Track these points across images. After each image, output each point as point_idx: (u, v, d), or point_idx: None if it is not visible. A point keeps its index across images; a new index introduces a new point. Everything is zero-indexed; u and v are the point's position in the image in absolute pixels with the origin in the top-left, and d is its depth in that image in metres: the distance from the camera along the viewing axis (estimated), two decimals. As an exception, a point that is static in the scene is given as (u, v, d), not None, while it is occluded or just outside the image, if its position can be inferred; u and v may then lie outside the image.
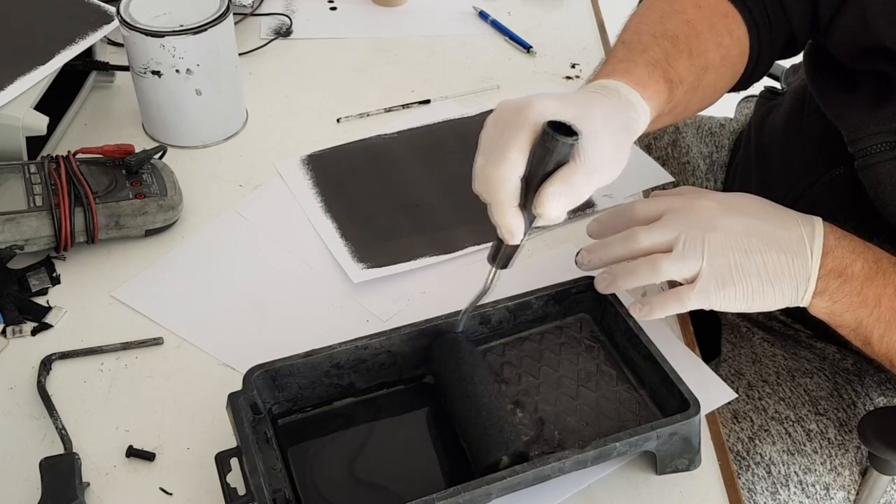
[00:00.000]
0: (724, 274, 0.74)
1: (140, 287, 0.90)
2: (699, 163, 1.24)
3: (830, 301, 0.76)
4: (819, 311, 0.77)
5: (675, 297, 0.75)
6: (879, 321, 0.76)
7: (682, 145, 1.26)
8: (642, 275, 0.76)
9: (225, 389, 0.73)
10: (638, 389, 0.79)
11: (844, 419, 0.97)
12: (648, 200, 0.80)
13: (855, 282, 0.76)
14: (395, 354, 0.79)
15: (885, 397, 0.99)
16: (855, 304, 0.76)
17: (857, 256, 0.76)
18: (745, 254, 0.74)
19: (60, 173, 0.91)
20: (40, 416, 0.78)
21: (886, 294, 0.76)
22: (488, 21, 1.31)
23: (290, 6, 1.33)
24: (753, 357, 1.03)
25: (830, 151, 0.90)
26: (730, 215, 0.76)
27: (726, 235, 0.75)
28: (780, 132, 1.04)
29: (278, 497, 0.68)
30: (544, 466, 0.68)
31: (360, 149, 1.08)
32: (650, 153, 1.28)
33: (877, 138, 0.82)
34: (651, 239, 0.76)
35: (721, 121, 1.30)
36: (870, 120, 0.83)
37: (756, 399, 0.97)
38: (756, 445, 0.94)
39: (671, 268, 0.74)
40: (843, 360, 1.02)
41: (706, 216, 0.76)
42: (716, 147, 1.25)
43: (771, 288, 0.75)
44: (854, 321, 0.77)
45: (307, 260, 0.94)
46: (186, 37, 0.98)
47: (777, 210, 0.79)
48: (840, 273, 0.76)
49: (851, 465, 0.95)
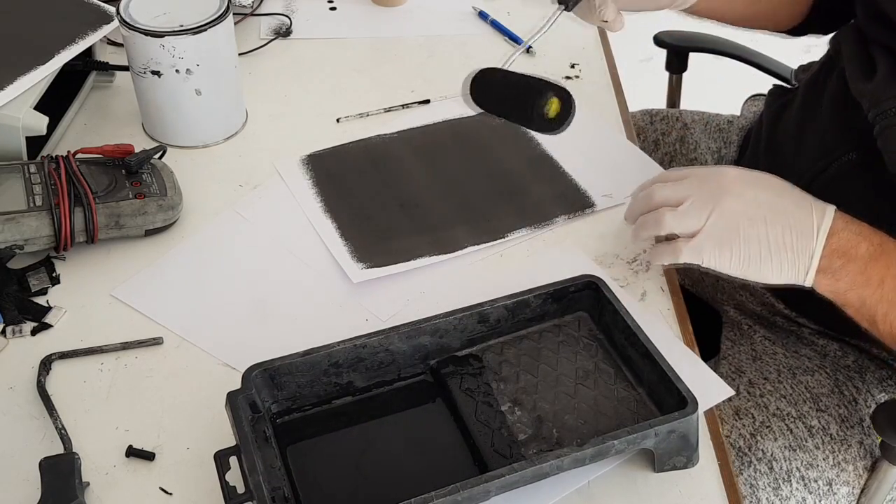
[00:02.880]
0: (723, 236, 0.79)
1: (140, 287, 0.90)
2: (707, 158, 1.25)
3: (834, 279, 0.79)
4: (824, 289, 0.81)
5: (671, 248, 0.82)
6: (883, 300, 0.79)
7: (689, 142, 1.28)
8: (650, 226, 0.84)
9: (224, 389, 0.73)
10: (636, 387, 0.79)
11: (846, 415, 0.97)
12: (679, 168, 0.89)
13: (859, 262, 0.79)
14: (394, 353, 0.79)
15: (887, 393, 0.99)
16: (859, 284, 0.79)
17: (862, 239, 0.79)
18: (751, 221, 0.79)
19: (60, 173, 0.91)
20: (40, 415, 0.79)
21: (890, 274, 0.79)
22: (488, 21, 1.31)
23: (290, 6, 1.33)
24: (754, 354, 1.03)
25: (844, 138, 0.93)
26: (746, 185, 0.81)
27: (736, 202, 0.80)
28: (795, 126, 1.05)
29: (277, 495, 0.68)
30: (543, 464, 0.68)
31: (359, 149, 1.08)
32: (658, 149, 1.29)
33: (894, 101, 0.86)
34: (664, 195, 0.83)
35: (728, 118, 1.31)
36: (888, 88, 0.87)
37: (757, 396, 0.98)
38: (758, 441, 0.94)
39: (672, 221, 0.81)
40: (844, 357, 1.02)
41: (724, 182, 0.82)
42: (724, 143, 1.26)
43: (769, 258, 0.79)
44: (858, 300, 0.80)
45: (307, 260, 0.94)
46: (186, 37, 0.99)
47: (795, 191, 0.82)
48: (844, 253, 0.79)
49: (855, 460, 0.95)
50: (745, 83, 1.47)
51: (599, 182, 1.03)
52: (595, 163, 1.06)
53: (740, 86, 1.47)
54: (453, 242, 0.96)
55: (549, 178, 1.04)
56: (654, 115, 1.33)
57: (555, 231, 0.98)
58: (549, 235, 0.97)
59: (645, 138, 1.31)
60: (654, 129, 1.31)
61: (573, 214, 0.99)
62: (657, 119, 1.32)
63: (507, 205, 1.00)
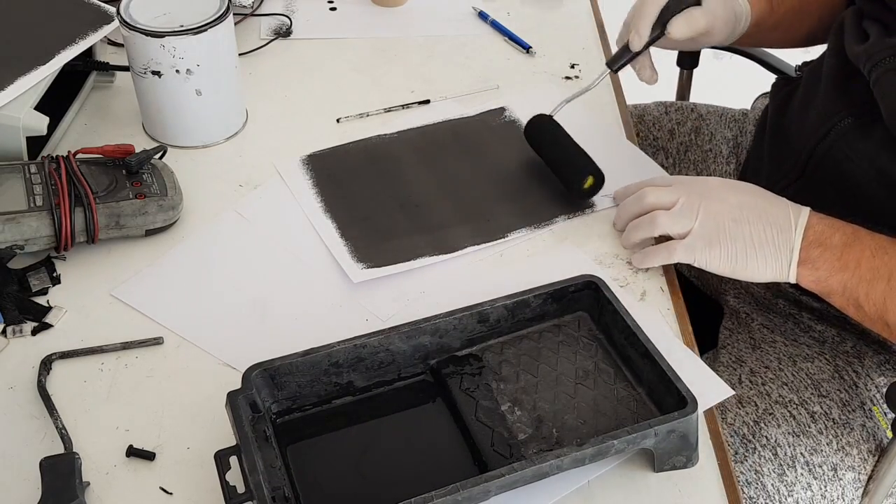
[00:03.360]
0: (711, 235, 0.87)
1: (140, 286, 0.90)
2: (721, 148, 1.27)
3: (813, 269, 0.86)
4: (807, 281, 0.87)
5: (666, 249, 0.89)
6: (862, 281, 0.85)
7: (705, 132, 1.29)
8: (644, 227, 0.90)
9: (225, 388, 0.73)
10: (636, 387, 0.79)
11: (847, 399, 0.98)
12: (663, 177, 0.99)
13: (835, 250, 0.86)
14: (394, 353, 0.79)
15: (886, 377, 1.00)
16: (836, 269, 0.86)
17: (835, 230, 0.87)
18: (735, 222, 0.87)
19: (61, 173, 0.91)
20: (40, 415, 0.79)
21: (865, 256, 0.85)
22: (488, 21, 1.31)
23: (290, 6, 1.33)
24: (753, 343, 1.04)
25: (841, 103, 0.99)
26: (729, 190, 0.89)
27: (721, 204, 0.88)
28: (798, 108, 1.09)
29: (277, 495, 0.68)
30: (542, 464, 0.68)
31: (360, 149, 1.08)
32: (673, 138, 1.30)
33: (886, 52, 0.92)
34: (656, 197, 0.90)
35: (742, 111, 1.33)
36: (880, 45, 0.94)
37: (759, 385, 0.99)
38: (762, 428, 0.95)
39: (667, 222, 0.88)
40: (843, 342, 1.03)
41: (708, 188, 0.90)
42: (740, 132, 1.29)
43: (755, 254, 0.86)
44: (840, 285, 0.86)
45: (307, 260, 0.94)
46: (186, 37, 0.99)
47: (771, 195, 0.90)
48: (820, 244, 0.86)
49: (858, 443, 0.96)
50: (751, 81, 1.48)
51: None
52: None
53: (746, 84, 1.48)
54: (453, 242, 0.96)
55: (549, 178, 1.04)
56: (668, 107, 1.34)
57: (555, 231, 0.98)
58: (549, 235, 0.98)
59: (660, 128, 1.31)
60: (670, 118, 1.31)
61: (573, 214, 1.00)
62: (672, 110, 1.33)
63: (507, 205, 1.01)
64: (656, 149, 1.29)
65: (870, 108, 0.93)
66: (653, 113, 1.34)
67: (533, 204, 1.01)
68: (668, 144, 1.29)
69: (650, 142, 1.30)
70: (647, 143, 1.30)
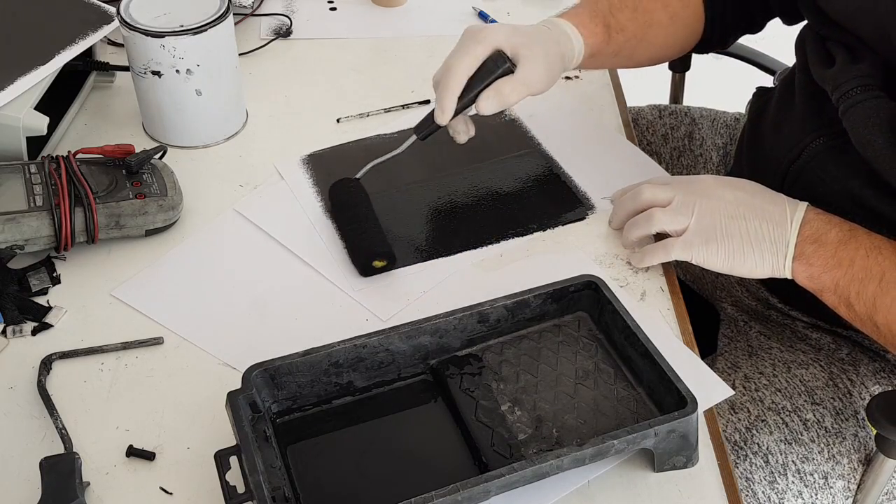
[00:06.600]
0: (708, 232, 0.87)
1: (140, 286, 0.90)
2: (712, 154, 1.27)
3: (808, 264, 0.86)
4: (801, 277, 0.86)
5: (663, 247, 0.89)
6: (854, 279, 0.84)
7: (697, 137, 1.29)
8: (641, 225, 0.91)
9: (225, 388, 0.73)
10: (636, 387, 0.79)
11: (840, 408, 0.97)
12: (664, 175, 0.99)
13: (829, 246, 0.85)
14: (394, 353, 0.79)
15: (880, 385, 1.00)
16: (830, 266, 0.85)
17: (832, 227, 0.86)
18: (731, 218, 0.87)
19: (61, 173, 0.91)
20: (40, 415, 0.79)
21: (859, 255, 0.84)
22: (488, 21, 1.31)
23: (290, 6, 1.33)
24: (749, 350, 1.04)
25: (813, 125, 0.97)
26: (724, 188, 0.90)
27: (717, 202, 0.88)
28: (772, 121, 1.08)
29: (277, 495, 0.68)
30: (542, 464, 0.68)
31: (360, 149, 1.08)
32: (667, 143, 1.30)
33: (853, 82, 0.90)
34: (652, 194, 0.91)
35: (735, 115, 1.32)
36: (847, 73, 0.92)
37: (753, 390, 0.98)
38: (753, 435, 0.94)
39: (664, 218, 0.89)
40: (838, 350, 1.02)
41: (704, 185, 0.90)
42: (730, 139, 1.28)
43: (751, 250, 0.86)
44: (832, 282, 0.85)
45: (307, 260, 0.94)
46: (186, 37, 0.99)
47: (768, 191, 0.90)
48: (816, 239, 0.86)
49: (850, 453, 0.96)
50: (749, 81, 1.47)
51: (599, 182, 1.03)
52: (595, 163, 1.06)
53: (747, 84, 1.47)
54: (453, 242, 0.96)
55: (549, 178, 1.04)
56: (662, 110, 1.34)
57: (555, 231, 0.98)
58: (549, 235, 0.97)
59: (654, 132, 1.31)
60: (664, 123, 1.31)
61: (573, 216, 0.99)
62: (665, 114, 1.33)
63: (507, 205, 1.01)
64: (650, 153, 1.29)
65: (841, 130, 0.91)
66: (647, 116, 1.34)
67: (533, 204, 1.01)
68: (661, 149, 1.30)
69: (644, 146, 1.30)
70: (641, 148, 1.30)
